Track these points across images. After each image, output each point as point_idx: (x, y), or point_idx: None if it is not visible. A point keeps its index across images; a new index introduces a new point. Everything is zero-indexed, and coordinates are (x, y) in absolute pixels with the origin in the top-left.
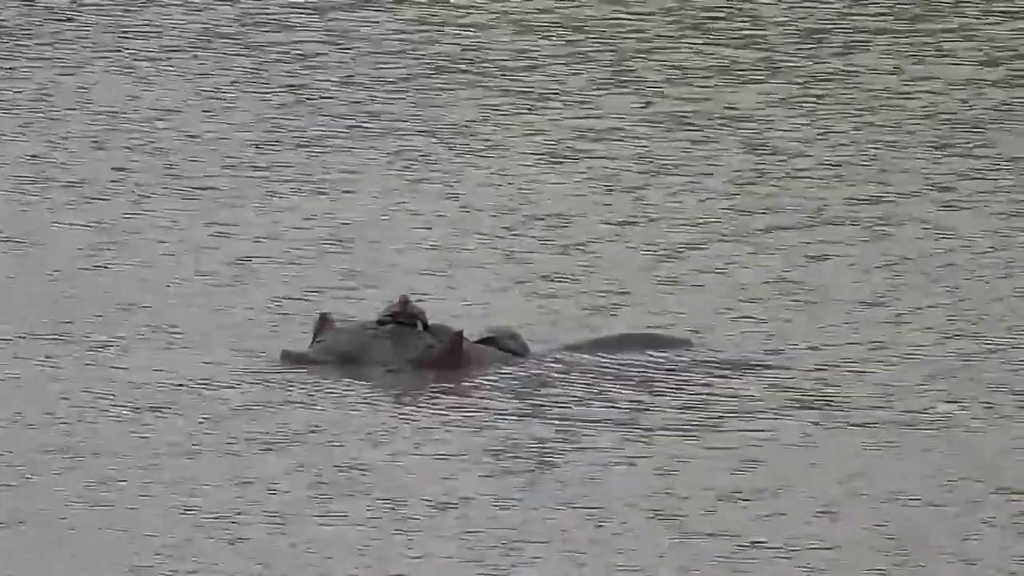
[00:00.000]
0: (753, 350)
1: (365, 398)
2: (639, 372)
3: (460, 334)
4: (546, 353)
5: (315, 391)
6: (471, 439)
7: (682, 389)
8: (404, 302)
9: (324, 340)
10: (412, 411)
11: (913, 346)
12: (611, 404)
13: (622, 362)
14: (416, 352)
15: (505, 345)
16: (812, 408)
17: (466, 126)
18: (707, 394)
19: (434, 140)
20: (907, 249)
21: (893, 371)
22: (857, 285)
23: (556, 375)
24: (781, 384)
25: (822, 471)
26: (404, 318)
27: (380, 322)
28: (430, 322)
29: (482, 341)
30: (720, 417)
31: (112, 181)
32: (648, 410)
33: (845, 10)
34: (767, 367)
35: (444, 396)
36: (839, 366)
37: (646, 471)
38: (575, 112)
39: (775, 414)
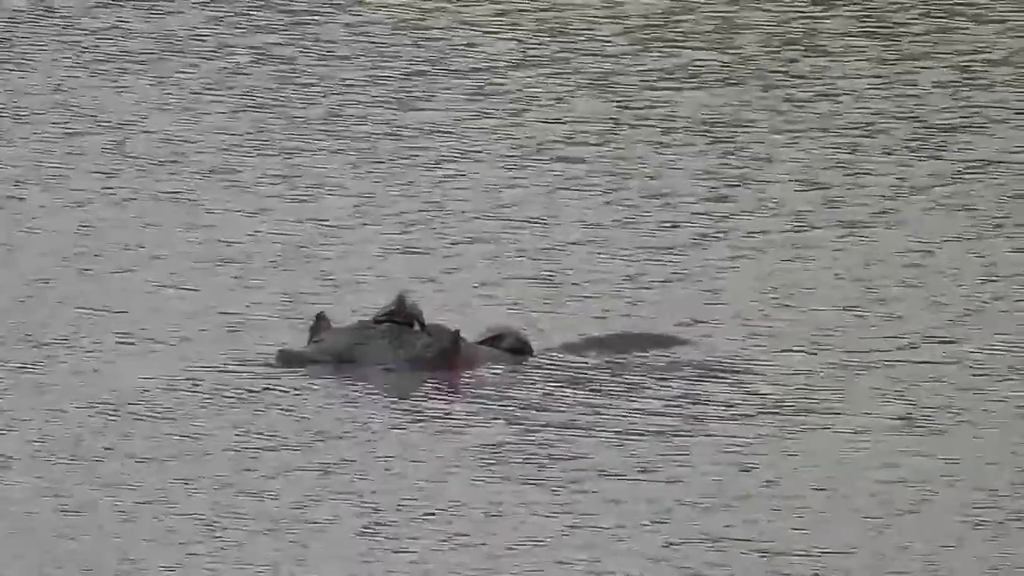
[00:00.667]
0: (734, 353)
1: (360, 398)
2: (634, 373)
3: (457, 333)
4: (545, 353)
5: (311, 391)
6: (465, 441)
7: (671, 391)
8: (401, 301)
9: (321, 339)
10: (407, 412)
11: (892, 350)
12: (604, 406)
13: (619, 363)
14: (413, 351)
15: (508, 344)
16: (795, 412)
17: (439, 128)
18: (692, 397)
19: (408, 142)
20: (883, 253)
21: (874, 375)
22: (834, 289)
23: (553, 375)
24: (763, 387)
25: (806, 476)
26: (401, 317)
27: (377, 321)
28: (427, 321)
29: (487, 340)
30: (705, 420)
31: (88, 184)
32: (639, 413)
33: (817, 13)
34: (748, 370)
35: (439, 397)
36: (819, 370)
37: (637, 475)
38: (548, 115)
39: (757, 418)
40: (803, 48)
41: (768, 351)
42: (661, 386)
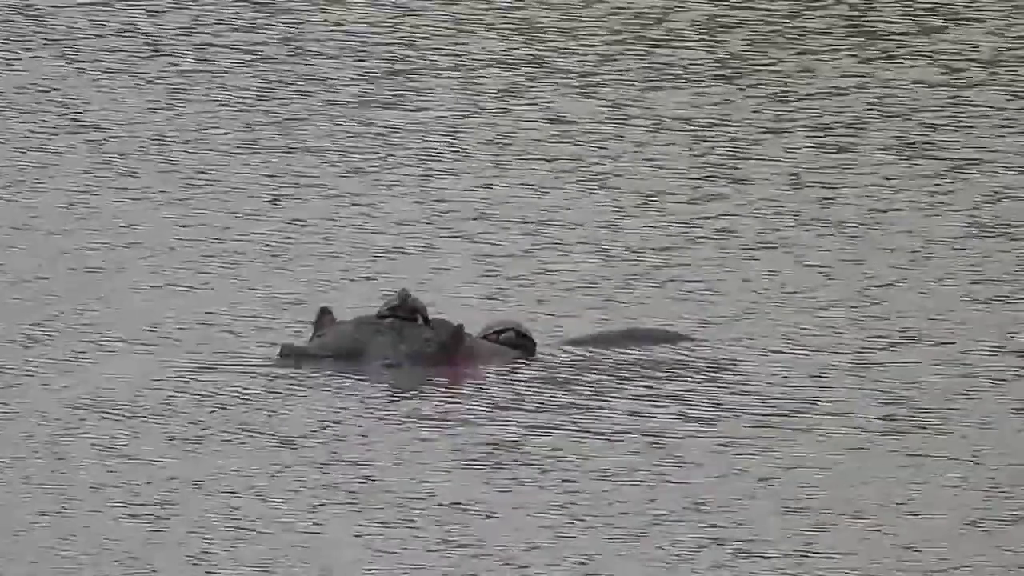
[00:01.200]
0: (724, 353)
1: (361, 394)
2: (625, 373)
3: (461, 328)
4: (548, 348)
5: (311, 386)
6: (460, 441)
7: (662, 392)
8: (405, 296)
9: (324, 334)
10: (405, 408)
11: (883, 350)
12: (599, 407)
13: (610, 363)
14: (416, 346)
15: (511, 339)
16: (788, 413)
17: (422, 128)
18: (684, 398)
19: (391, 142)
20: (872, 252)
21: (865, 375)
22: (824, 289)
23: (547, 375)
24: (756, 388)
25: (801, 476)
26: (404, 312)
27: (380, 316)
28: (431, 316)
29: (490, 334)
30: (699, 421)
31: (73, 184)
32: (632, 415)
33: (796, 12)
34: (740, 371)
35: (438, 394)
36: (811, 371)
37: (632, 477)
38: (534, 115)
39: (752, 418)
40: (790, 48)
41: (759, 351)
42: (652, 387)
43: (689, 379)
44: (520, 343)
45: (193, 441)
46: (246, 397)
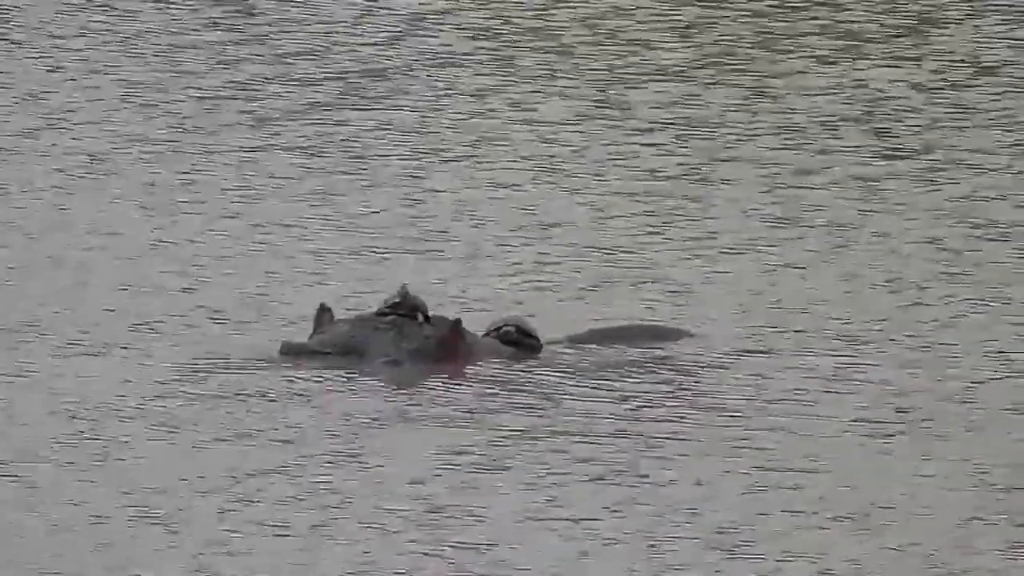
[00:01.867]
0: (715, 354)
1: (360, 392)
2: (617, 374)
3: (458, 324)
4: (550, 345)
5: (310, 386)
6: (460, 438)
7: (656, 392)
8: (405, 293)
9: (323, 332)
10: (405, 406)
11: (873, 352)
12: (592, 411)
13: (619, 357)
14: (416, 343)
15: (510, 336)
16: (782, 414)
17: (399, 127)
18: (679, 399)
19: (367, 140)
20: (856, 255)
21: (857, 377)
22: (803, 291)
23: (551, 370)
24: (750, 389)
25: (793, 476)
26: (404, 309)
27: (380, 313)
28: (432, 313)
29: (496, 330)
30: (693, 422)
31: (46, 184)
32: (624, 417)
33: (781, 11)
34: (733, 371)
35: (438, 391)
36: (794, 372)
37: (627, 478)
38: (508, 115)
39: (746, 420)
40: (766, 48)
41: (751, 352)
42: (647, 387)
43: (676, 380)
44: (522, 341)
45: (189, 442)
46: (243, 396)
